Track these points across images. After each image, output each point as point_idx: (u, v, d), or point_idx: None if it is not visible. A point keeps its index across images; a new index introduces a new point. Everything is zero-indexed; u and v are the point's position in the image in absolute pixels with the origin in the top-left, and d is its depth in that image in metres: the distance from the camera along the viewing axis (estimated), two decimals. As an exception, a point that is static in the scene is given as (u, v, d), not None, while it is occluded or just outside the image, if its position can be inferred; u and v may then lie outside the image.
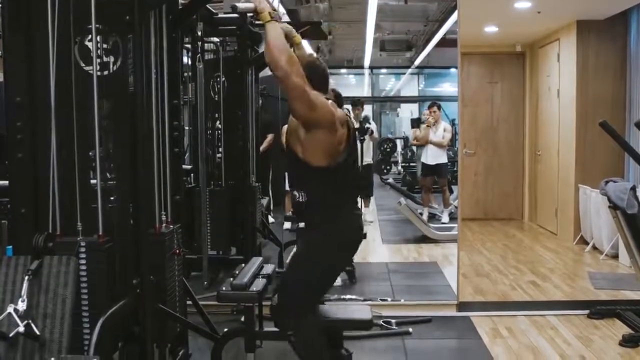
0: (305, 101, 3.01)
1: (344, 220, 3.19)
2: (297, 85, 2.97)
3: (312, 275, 3.17)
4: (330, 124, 3.08)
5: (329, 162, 3.10)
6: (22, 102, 3.00)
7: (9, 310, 2.59)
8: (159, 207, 3.28)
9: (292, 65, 2.95)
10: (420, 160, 8.89)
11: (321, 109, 3.06)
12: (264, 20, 3.02)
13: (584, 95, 7.31)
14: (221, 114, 5.69)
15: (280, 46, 2.96)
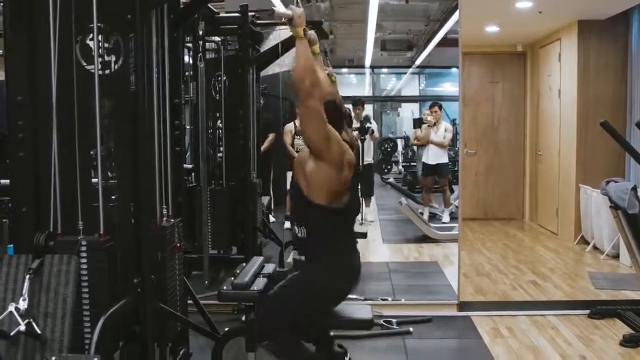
0: (320, 126, 2.99)
1: (341, 262, 3.18)
2: (315, 108, 2.94)
3: (296, 304, 3.15)
4: (338, 161, 3.06)
5: (330, 200, 3.08)
6: (23, 101, 2.99)
7: (10, 309, 2.60)
8: (159, 202, 3.27)
9: (315, 87, 2.92)
10: (421, 160, 8.88)
11: (334, 142, 3.03)
12: (297, 35, 2.98)
13: (584, 95, 7.30)
14: (222, 113, 5.69)
15: (308, 66, 2.93)
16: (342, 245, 3.20)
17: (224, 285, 3.38)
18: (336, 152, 3.05)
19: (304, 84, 2.91)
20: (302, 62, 2.94)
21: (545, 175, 8.52)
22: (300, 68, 2.93)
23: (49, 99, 2.92)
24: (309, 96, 2.91)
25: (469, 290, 5.41)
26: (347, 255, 3.22)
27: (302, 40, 2.98)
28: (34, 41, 2.99)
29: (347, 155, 3.14)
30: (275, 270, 3.65)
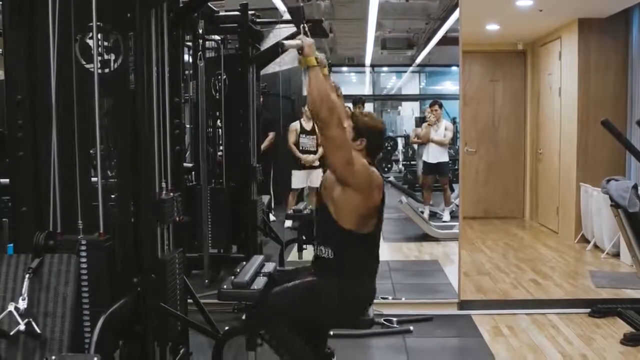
0: (343, 154, 2.97)
1: (358, 286, 3.19)
2: (336, 137, 2.92)
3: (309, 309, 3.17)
4: (366, 187, 3.05)
5: (359, 225, 3.09)
6: (22, 100, 2.99)
7: (9, 308, 2.60)
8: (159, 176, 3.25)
9: (332, 114, 2.89)
10: (422, 158, 8.88)
11: (359, 168, 3.02)
12: (310, 64, 2.95)
13: (585, 93, 7.29)
14: (222, 112, 5.68)
15: (323, 94, 2.90)
16: (365, 268, 3.21)
17: (224, 284, 3.37)
18: (362, 177, 3.04)
19: (322, 114, 2.89)
20: (316, 92, 2.90)
21: (546, 174, 8.51)
22: (316, 98, 2.89)
23: (48, 98, 2.92)
24: (328, 125, 2.89)
25: (469, 289, 5.41)
26: (368, 280, 3.23)
27: (314, 68, 2.96)
28: (33, 40, 2.99)
29: (374, 179, 3.13)
30: (276, 269, 3.64)
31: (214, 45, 5.78)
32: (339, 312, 3.22)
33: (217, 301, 3.56)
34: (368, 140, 3.18)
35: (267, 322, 3.18)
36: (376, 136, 3.23)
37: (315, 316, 3.22)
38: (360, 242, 3.15)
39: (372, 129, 3.22)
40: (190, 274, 5.17)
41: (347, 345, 4.14)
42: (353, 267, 3.16)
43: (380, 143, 3.32)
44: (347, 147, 2.99)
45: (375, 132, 3.22)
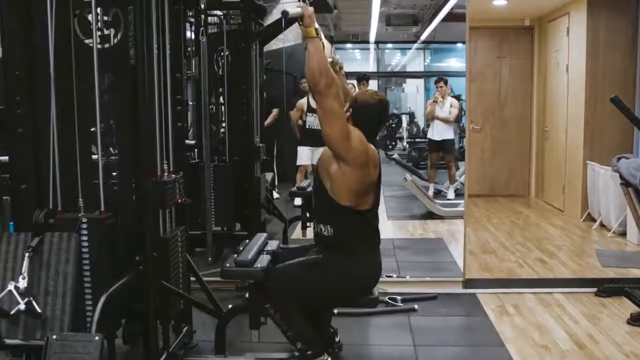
0: (339, 127, 2.96)
1: (364, 262, 3.20)
2: (332, 109, 2.93)
3: (313, 285, 3.17)
4: (362, 163, 3.04)
5: (356, 202, 3.09)
6: (21, 76, 2.94)
7: (9, 287, 2.57)
8: (160, 157, 3.22)
9: (329, 87, 2.90)
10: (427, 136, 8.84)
11: (356, 142, 3.01)
12: (309, 35, 2.95)
13: (593, 70, 7.19)
14: (225, 89, 5.62)
15: (322, 66, 2.90)
16: (368, 244, 3.21)
17: (227, 263, 3.35)
18: (358, 151, 3.02)
19: (319, 85, 2.89)
20: (315, 63, 2.90)
21: (552, 152, 8.44)
22: (314, 69, 2.89)
23: (47, 74, 2.87)
24: (325, 97, 2.90)
25: (474, 268, 5.37)
26: (371, 254, 3.24)
27: (313, 39, 2.94)
28: (31, 15, 2.93)
29: (371, 154, 3.10)
30: (279, 246, 3.61)
31: (217, 21, 5.70)
32: (344, 289, 3.20)
33: (220, 279, 3.55)
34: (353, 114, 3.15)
35: (270, 298, 3.16)
36: (367, 111, 3.19)
37: (319, 293, 3.21)
38: (359, 219, 3.14)
39: (363, 104, 3.19)
40: (193, 251, 5.14)
41: (351, 323, 4.12)
42: (354, 243, 3.16)
43: (374, 119, 3.24)
44: (342, 121, 2.98)
45: (365, 107, 3.18)
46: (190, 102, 6.10)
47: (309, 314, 3.24)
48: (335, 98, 2.93)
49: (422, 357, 3.66)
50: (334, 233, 3.15)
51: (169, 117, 3.36)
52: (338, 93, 2.96)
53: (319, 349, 3.20)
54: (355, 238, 3.16)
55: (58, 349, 2.43)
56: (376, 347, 3.87)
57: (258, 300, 3.28)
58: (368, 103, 3.20)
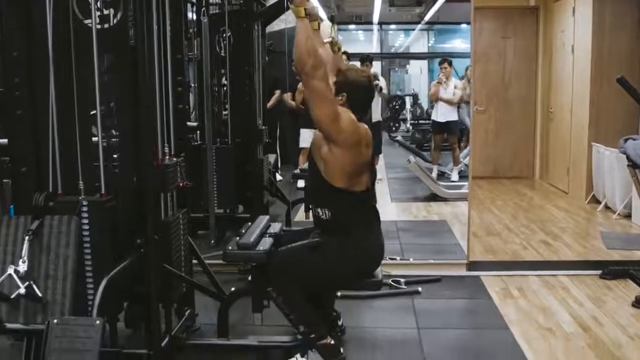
0: (328, 109, 2.93)
1: (362, 244, 3.16)
2: (319, 90, 2.89)
3: (314, 268, 3.15)
4: (354, 143, 3.01)
5: (350, 183, 3.06)
6: (19, 57, 2.90)
7: (9, 271, 2.55)
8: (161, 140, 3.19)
9: (317, 69, 2.87)
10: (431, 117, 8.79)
11: (345, 122, 2.98)
12: (298, 14, 2.91)
13: (599, 51, 7.11)
14: (227, 70, 5.57)
15: (310, 47, 2.86)
16: (365, 225, 3.18)
17: (229, 245, 3.32)
18: (348, 132, 2.99)
19: (306, 66, 2.86)
20: (302, 42, 2.86)
21: (557, 133, 8.38)
22: (301, 49, 2.86)
23: (45, 55, 2.83)
24: (312, 78, 2.87)
25: (478, 250, 5.35)
26: (370, 235, 3.21)
27: (302, 19, 2.91)
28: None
29: (362, 134, 3.07)
30: (282, 229, 3.59)
31: (218, 1, 5.63)
32: (344, 271, 3.19)
33: (223, 262, 3.53)
34: (349, 96, 3.13)
35: (272, 280, 3.14)
36: (358, 91, 3.16)
37: (321, 276, 3.20)
38: (355, 200, 3.12)
39: (354, 83, 3.15)
40: (195, 234, 5.12)
41: (355, 306, 4.11)
42: (352, 225, 3.14)
43: (364, 98, 3.21)
44: (330, 102, 2.95)
45: (357, 87, 3.15)
46: (192, 84, 6.05)
47: (312, 297, 3.22)
48: (323, 79, 2.89)
49: (426, 339, 3.65)
50: (331, 216, 3.13)
51: (170, 99, 3.32)
52: (325, 74, 2.92)
53: (321, 332, 3.19)
54: (352, 220, 3.14)
55: (59, 333, 2.42)
56: (379, 330, 3.85)
57: (260, 283, 3.25)
58: (356, 81, 3.16)
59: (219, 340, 3.46)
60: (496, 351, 3.52)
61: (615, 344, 3.56)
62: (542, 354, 3.43)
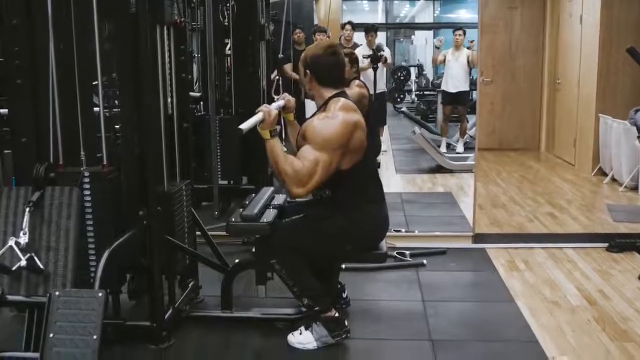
0: (322, 179, 2.95)
1: (366, 216, 3.14)
2: (305, 191, 2.95)
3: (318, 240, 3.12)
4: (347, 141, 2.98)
5: (345, 164, 3.02)
6: (18, 25, 2.85)
7: (10, 243, 2.52)
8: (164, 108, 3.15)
9: (287, 178, 2.92)
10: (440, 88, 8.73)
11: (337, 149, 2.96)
12: (264, 137, 2.98)
13: (608, 21, 7.00)
14: (231, 40, 5.50)
15: (282, 166, 2.92)
16: (368, 196, 3.15)
17: (233, 218, 3.29)
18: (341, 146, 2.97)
19: (287, 185, 2.93)
20: (276, 164, 2.94)
21: (564, 105, 8.30)
22: (279, 169, 2.94)
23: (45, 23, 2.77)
24: (294, 189, 2.93)
25: (484, 222, 5.30)
26: (374, 207, 3.18)
27: (268, 141, 2.98)
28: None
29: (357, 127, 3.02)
30: (287, 201, 3.55)
31: (222, -31, 5.55)
32: (349, 243, 3.16)
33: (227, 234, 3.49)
34: (312, 71, 3.10)
35: (277, 252, 3.11)
36: (317, 63, 3.10)
37: (325, 248, 3.17)
38: (355, 175, 3.08)
39: (312, 58, 3.11)
40: (199, 206, 5.10)
41: (359, 278, 4.08)
42: (356, 199, 3.11)
43: (329, 70, 3.12)
44: (316, 178, 2.93)
45: (316, 62, 3.10)
46: (196, 54, 5.99)
47: (316, 269, 3.19)
48: (300, 183, 2.92)
49: (431, 312, 3.62)
50: (332, 193, 3.10)
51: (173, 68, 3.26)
52: (301, 175, 2.91)
53: (326, 304, 3.17)
54: (353, 196, 3.10)
55: (61, 306, 2.39)
56: (384, 303, 3.83)
57: (264, 255, 3.22)
58: (320, 56, 3.10)
59: (223, 312, 3.45)
60: (502, 324, 3.49)
61: (622, 317, 3.53)
62: (548, 328, 3.41)
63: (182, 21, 3.34)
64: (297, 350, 3.16)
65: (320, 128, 2.97)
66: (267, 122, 2.96)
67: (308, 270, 3.14)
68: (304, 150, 2.96)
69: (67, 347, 2.31)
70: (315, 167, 2.90)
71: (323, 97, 3.12)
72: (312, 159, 2.91)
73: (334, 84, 3.12)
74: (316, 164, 2.91)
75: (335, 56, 3.12)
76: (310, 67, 3.09)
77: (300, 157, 2.94)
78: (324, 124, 2.98)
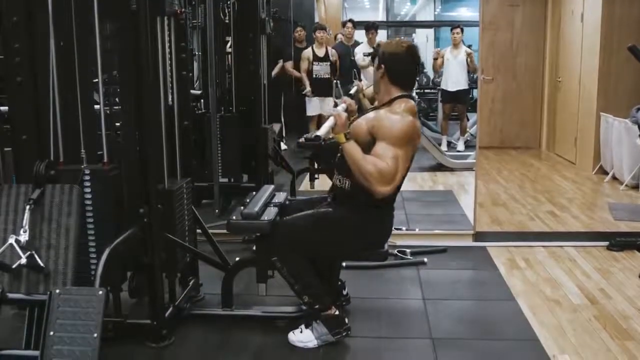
0: (404, 173, 3.01)
1: (378, 217, 3.16)
2: (391, 188, 2.96)
3: (319, 239, 3.12)
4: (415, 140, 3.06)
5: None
6: (18, 22, 2.84)
7: (10, 241, 2.51)
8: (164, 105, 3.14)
9: (369, 178, 2.91)
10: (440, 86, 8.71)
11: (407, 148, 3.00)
12: (339, 141, 2.98)
13: (609, 19, 6.99)
14: (232, 38, 5.49)
15: (364, 167, 2.91)
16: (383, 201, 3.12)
17: (233, 215, 3.28)
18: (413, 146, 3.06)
19: (373, 186, 2.92)
20: (357, 166, 2.92)
21: (565, 103, 8.29)
22: (359, 170, 2.92)
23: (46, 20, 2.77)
24: (379, 188, 2.92)
25: (484, 220, 5.30)
26: (386, 209, 3.20)
27: (344, 144, 2.98)
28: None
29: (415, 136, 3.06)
30: (287, 199, 3.54)
31: (223, -33, 5.53)
32: (354, 243, 3.17)
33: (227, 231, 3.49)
34: (387, 68, 3.10)
35: (277, 250, 3.10)
36: (396, 62, 3.12)
37: (328, 247, 3.18)
38: None
39: (391, 55, 3.12)
40: (199, 203, 5.09)
41: (360, 276, 4.08)
42: (368, 201, 3.07)
43: (405, 69, 3.16)
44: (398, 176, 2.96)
45: (394, 58, 3.12)
46: (196, 51, 5.98)
47: (317, 267, 3.19)
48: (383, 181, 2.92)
49: (432, 310, 3.62)
50: (350, 188, 3.09)
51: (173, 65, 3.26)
52: (383, 175, 2.91)
53: (326, 302, 3.16)
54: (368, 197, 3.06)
55: (61, 303, 2.38)
56: (385, 301, 3.82)
57: (265, 253, 3.22)
58: (398, 54, 3.12)
59: (223, 310, 3.44)
60: (502, 322, 3.48)
61: (622, 315, 3.52)
62: (548, 326, 3.40)
63: (182, 11, 3.33)
64: (298, 348, 3.15)
65: (393, 124, 2.98)
66: (340, 126, 2.97)
67: (308, 268, 3.13)
68: (380, 148, 2.94)
69: (67, 344, 2.31)
70: (396, 163, 2.92)
71: (390, 94, 3.13)
72: (392, 155, 2.92)
73: (403, 85, 3.14)
74: (396, 159, 2.92)
75: (412, 58, 3.16)
76: (386, 62, 3.11)
77: (378, 155, 2.93)
78: (397, 120, 3.00)
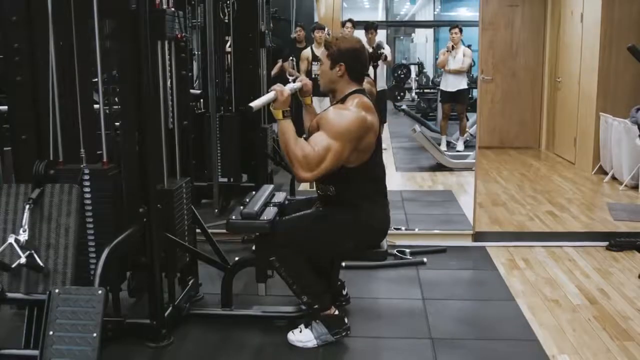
0: (331, 166, 2.93)
1: (370, 215, 3.14)
2: (312, 176, 2.93)
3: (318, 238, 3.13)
4: (359, 137, 3.00)
5: (352, 161, 3.04)
6: (18, 21, 2.84)
7: (9, 240, 2.51)
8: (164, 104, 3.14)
9: (295, 161, 2.89)
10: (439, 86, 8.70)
11: (352, 140, 2.96)
12: (276, 117, 2.97)
13: (608, 19, 6.99)
14: (231, 38, 5.49)
15: (291, 148, 2.89)
16: (373, 196, 3.16)
17: (233, 215, 3.28)
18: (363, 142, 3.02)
19: (296, 169, 2.91)
20: (286, 146, 2.92)
21: (564, 103, 8.29)
22: (288, 152, 2.92)
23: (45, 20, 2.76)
24: (304, 173, 2.91)
25: (484, 220, 5.30)
26: (378, 206, 3.20)
27: (281, 121, 2.96)
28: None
29: (368, 129, 3.04)
30: (286, 198, 3.54)
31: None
32: (351, 242, 3.17)
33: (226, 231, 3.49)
34: (346, 64, 3.09)
35: (276, 249, 3.10)
36: (354, 57, 3.12)
37: (326, 247, 3.18)
38: (359, 173, 3.09)
39: (348, 52, 3.11)
40: (199, 203, 5.09)
41: (360, 276, 4.08)
42: (358, 199, 3.11)
43: (361, 63, 3.16)
44: (326, 165, 2.91)
45: (352, 54, 3.11)
46: (196, 51, 5.98)
47: (316, 267, 3.19)
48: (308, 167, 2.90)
49: (431, 310, 3.62)
50: (336, 192, 3.11)
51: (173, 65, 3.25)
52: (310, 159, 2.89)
53: (325, 302, 3.16)
54: (357, 194, 3.11)
55: (61, 303, 2.38)
56: (384, 301, 3.82)
57: (264, 253, 3.21)
58: (357, 49, 3.13)
59: (223, 310, 3.44)
60: (501, 322, 3.48)
61: (622, 316, 3.52)
62: (548, 326, 3.40)
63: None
64: (297, 348, 3.15)
65: (337, 117, 2.98)
66: (279, 102, 2.96)
67: (308, 268, 3.13)
68: (316, 136, 2.95)
69: (67, 344, 2.30)
70: (325, 153, 2.90)
71: (344, 91, 3.13)
72: (324, 144, 2.90)
73: (359, 80, 3.14)
74: (327, 150, 2.90)
75: (364, 52, 3.17)
76: (346, 60, 3.09)
77: (311, 142, 2.93)
78: (341, 114, 2.99)
